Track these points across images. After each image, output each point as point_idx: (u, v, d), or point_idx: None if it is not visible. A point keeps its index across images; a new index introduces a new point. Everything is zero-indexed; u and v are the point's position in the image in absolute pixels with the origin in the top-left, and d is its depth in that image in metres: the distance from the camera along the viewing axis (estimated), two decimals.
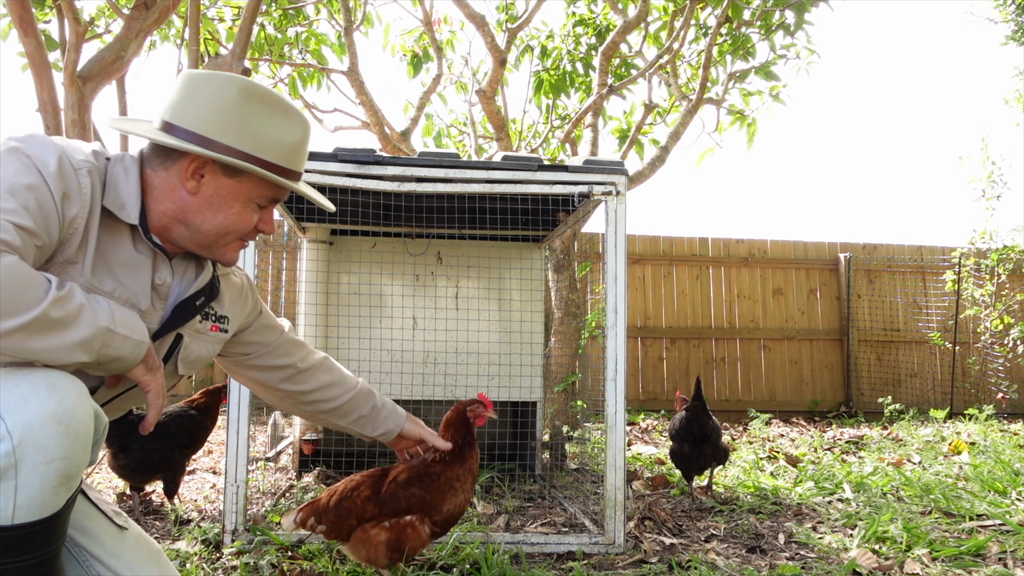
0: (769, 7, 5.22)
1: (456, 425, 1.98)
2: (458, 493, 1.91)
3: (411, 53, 6.34)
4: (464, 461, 1.94)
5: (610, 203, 2.49)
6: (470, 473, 1.95)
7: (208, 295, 1.51)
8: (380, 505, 1.89)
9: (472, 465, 1.96)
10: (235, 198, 1.39)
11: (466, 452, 1.95)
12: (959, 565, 2.19)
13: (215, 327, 1.58)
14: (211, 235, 1.41)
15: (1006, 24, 9.14)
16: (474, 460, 1.97)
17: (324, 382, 1.81)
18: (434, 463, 1.94)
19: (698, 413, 3.12)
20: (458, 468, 1.93)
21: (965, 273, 7.67)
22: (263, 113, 1.37)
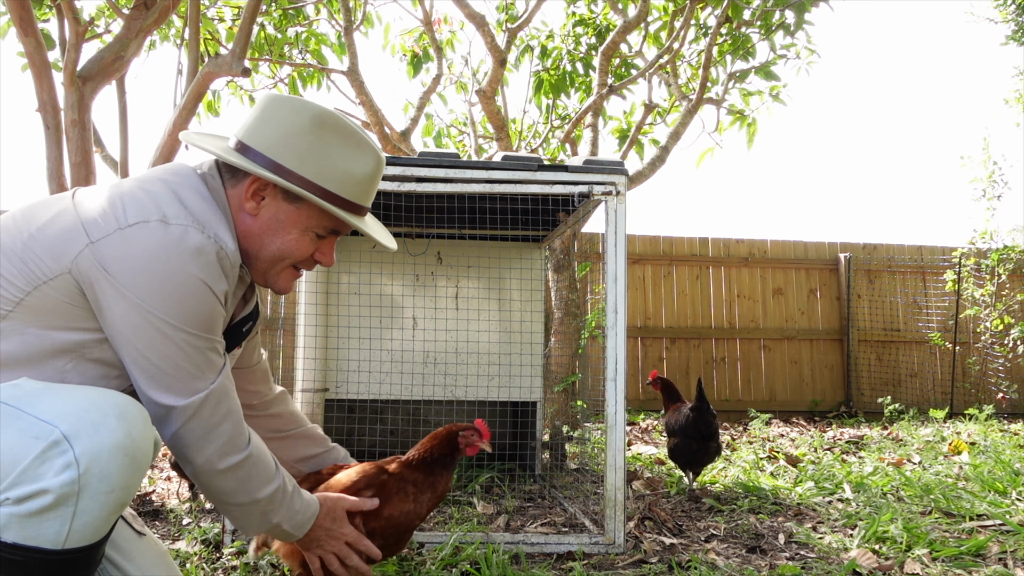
0: (769, 7, 5.22)
1: (440, 442, 1.75)
2: (408, 500, 1.65)
3: (411, 53, 6.34)
4: (431, 474, 1.70)
5: (610, 203, 2.49)
6: (432, 491, 1.70)
7: (254, 321, 1.52)
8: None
9: (439, 485, 1.71)
10: (293, 224, 1.36)
11: (437, 469, 1.71)
12: (959, 565, 2.19)
13: (239, 347, 1.57)
14: (267, 260, 1.38)
15: (1006, 24, 9.14)
16: (443, 483, 1.72)
17: (282, 411, 1.77)
18: (394, 463, 1.73)
19: (704, 412, 3.20)
20: (419, 475, 1.69)
21: (965, 273, 7.67)
22: (334, 143, 1.35)
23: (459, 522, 2.68)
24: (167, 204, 1.23)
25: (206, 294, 1.22)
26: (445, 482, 1.73)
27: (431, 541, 2.36)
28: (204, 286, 1.21)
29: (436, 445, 1.74)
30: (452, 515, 2.79)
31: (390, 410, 3.76)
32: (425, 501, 1.68)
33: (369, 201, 1.44)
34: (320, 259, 1.43)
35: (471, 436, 1.76)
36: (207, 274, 1.22)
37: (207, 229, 1.24)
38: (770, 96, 5.83)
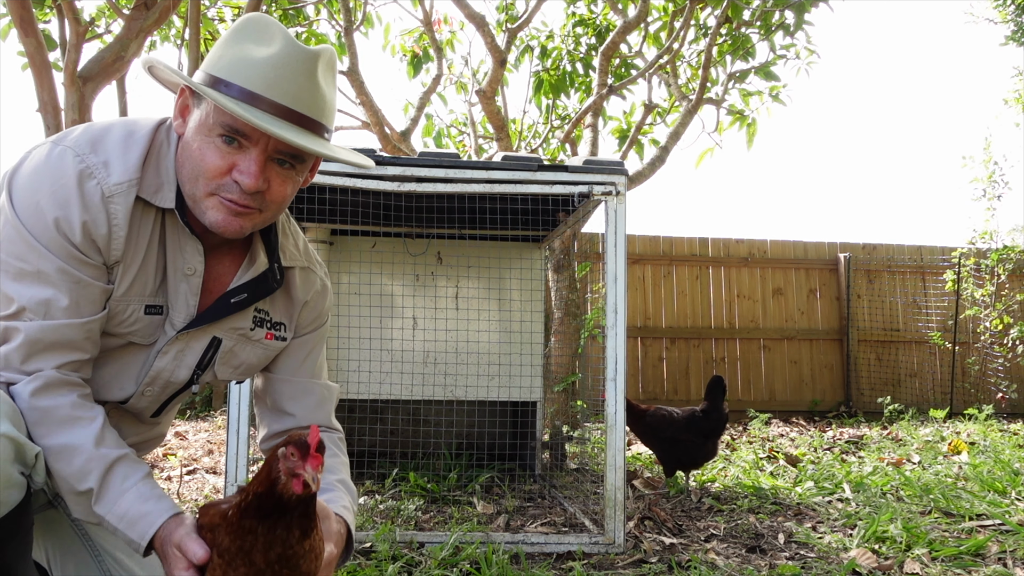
0: (769, 7, 5.22)
1: (260, 475, 1.07)
2: (215, 570, 1.07)
3: (411, 53, 6.34)
4: (264, 527, 1.04)
5: (610, 203, 2.49)
6: (263, 553, 1.04)
7: (253, 292, 1.34)
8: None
9: (251, 550, 1.04)
10: (198, 131, 1.18)
11: (272, 519, 1.04)
12: (959, 565, 2.20)
13: (270, 335, 1.41)
14: (188, 184, 1.21)
15: (1005, 24, 9.14)
16: (278, 542, 1.04)
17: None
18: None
19: (717, 410, 3.27)
20: (253, 524, 1.05)
21: (965, 273, 7.67)
22: (241, 35, 1.20)
23: (459, 522, 2.68)
24: (79, 130, 1.20)
25: (44, 216, 1.14)
26: (286, 535, 1.04)
27: (431, 541, 2.36)
28: (49, 208, 1.14)
29: (256, 480, 1.07)
30: (452, 515, 2.79)
31: (390, 410, 3.76)
32: (261, 560, 1.04)
33: (280, 93, 1.16)
34: (238, 177, 1.17)
35: (291, 461, 1.03)
36: (57, 197, 1.14)
37: (92, 155, 1.17)
38: (770, 96, 5.83)
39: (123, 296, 1.25)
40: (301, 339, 1.49)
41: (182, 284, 1.29)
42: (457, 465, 3.55)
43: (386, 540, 2.28)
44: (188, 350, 1.34)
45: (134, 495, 1.15)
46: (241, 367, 1.42)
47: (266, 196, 1.23)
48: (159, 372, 1.33)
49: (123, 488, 1.15)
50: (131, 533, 1.14)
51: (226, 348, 1.37)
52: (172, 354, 1.33)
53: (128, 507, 1.15)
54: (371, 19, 6.10)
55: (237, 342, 1.38)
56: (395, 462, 3.59)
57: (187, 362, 1.35)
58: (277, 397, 1.47)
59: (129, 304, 1.25)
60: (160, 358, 1.32)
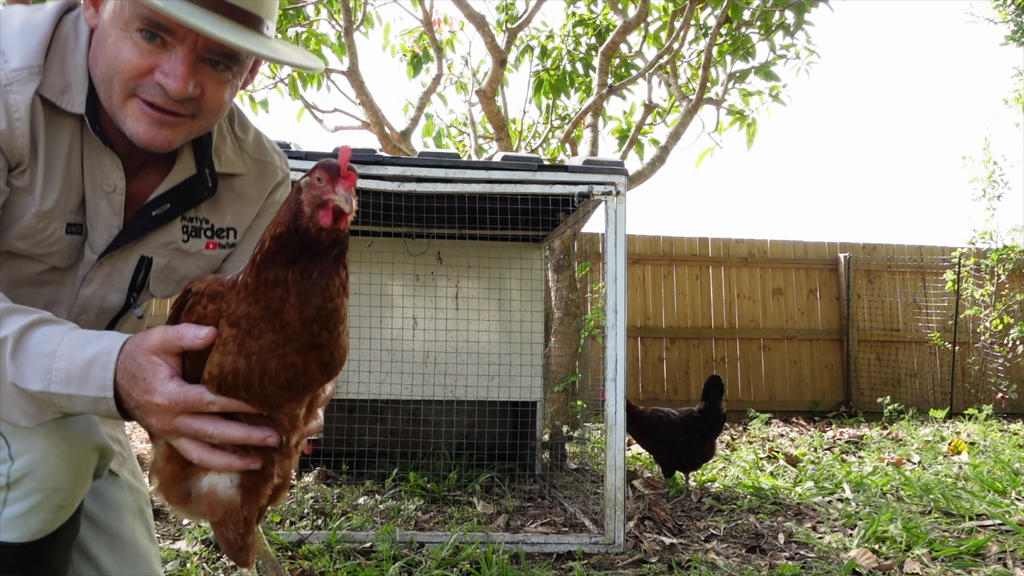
0: (769, 7, 5.22)
1: (285, 208, 0.90)
2: (264, 322, 0.87)
3: (411, 53, 6.34)
4: (296, 270, 0.86)
5: (610, 203, 2.49)
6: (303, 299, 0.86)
7: (177, 202, 1.18)
8: None
9: (312, 291, 0.86)
10: (112, 24, 1.03)
11: (304, 260, 0.86)
12: (959, 565, 2.20)
13: (212, 244, 1.25)
14: (102, 84, 1.06)
15: (1005, 24, 9.14)
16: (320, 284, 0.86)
17: None
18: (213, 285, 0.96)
19: (715, 410, 3.27)
20: (278, 274, 0.87)
21: (965, 273, 7.67)
22: None
23: (459, 522, 2.68)
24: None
25: None
26: (326, 282, 0.86)
27: (431, 541, 2.36)
28: None
29: (273, 223, 0.90)
30: (452, 515, 2.79)
31: (390, 410, 3.77)
32: (295, 318, 0.85)
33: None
34: (163, 80, 1.02)
35: (316, 186, 0.86)
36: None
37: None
38: (770, 96, 5.83)
39: (46, 213, 1.11)
40: (257, 222, 1.31)
41: (102, 203, 1.15)
42: (457, 465, 3.55)
43: (386, 540, 2.28)
44: (116, 274, 1.22)
45: (69, 345, 0.92)
46: (183, 281, 1.27)
47: (200, 103, 1.07)
48: (88, 300, 1.22)
49: (49, 346, 0.92)
50: (86, 390, 0.91)
51: (159, 266, 1.24)
52: (99, 280, 1.21)
53: (69, 360, 0.91)
54: (371, 19, 6.10)
55: (172, 258, 1.24)
56: (395, 462, 3.59)
57: (117, 286, 1.23)
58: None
59: (51, 222, 1.12)
60: (86, 286, 1.20)
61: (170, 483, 1.00)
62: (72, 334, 0.95)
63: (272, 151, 1.35)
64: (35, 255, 1.15)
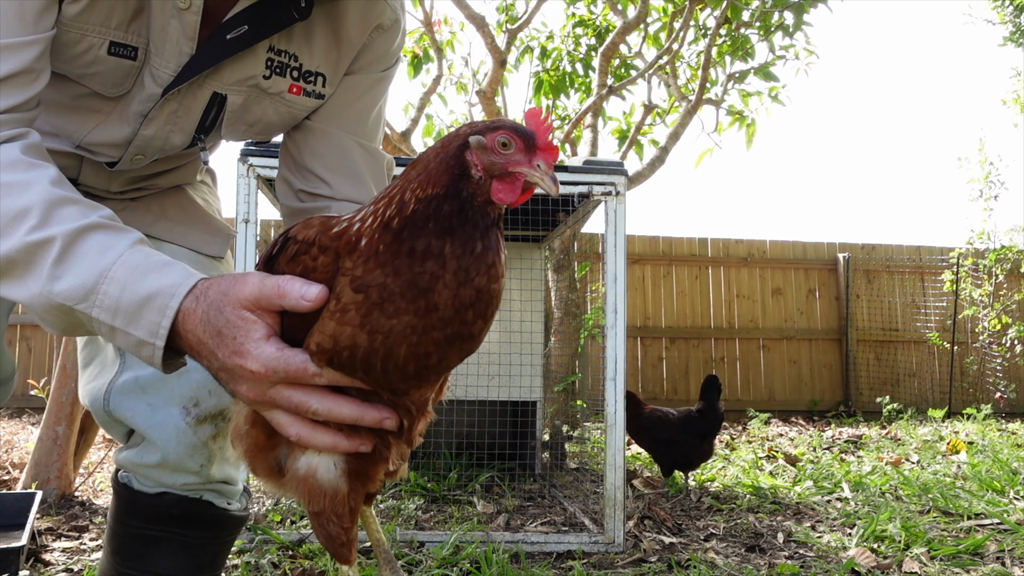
0: (768, 8, 5.24)
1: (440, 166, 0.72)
2: (347, 312, 0.71)
3: (411, 54, 6.35)
4: (406, 264, 0.70)
5: (610, 203, 2.50)
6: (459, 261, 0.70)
7: (258, 24, 0.95)
8: None
9: (432, 284, 0.69)
10: None
11: (421, 243, 0.69)
12: (957, 564, 2.21)
13: (297, 87, 1.04)
14: None
15: (1004, 25, 9.16)
16: (449, 275, 0.69)
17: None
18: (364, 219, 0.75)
19: (713, 410, 3.29)
20: (379, 271, 0.70)
21: (963, 273, 7.69)
22: None
23: (459, 521, 2.69)
24: None
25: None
26: (493, 258, 0.71)
27: (431, 540, 2.37)
28: None
29: (424, 180, 0.71)
30: (452, 514, 2.80)
31: None
32: (448, 302, 0.69)
33: None
34: None
35: (497, 152, 0.70)
36: None
37: None
38: (769, 97, 5.85)
39: (75, 19, 0.89)
40: (352, 78, 1.09)
41: (172, 21, 0.93)
42: (457, 465, 3.55)
43: (387, 539, 2.29)
44: (183, 111, 1.02)
45: (127, 268, 0.76)
46: (258, 125, 1.09)
47: None
48: (148, 141, 1.04)
49: (104, 261, 0.76)
50: (133, 328, 0.74)
51: (234, 106, 1.04)
52: (163, 119, 1.02)
53: (122, 288, 0.74)
54: None
55: (248, 96, 1.03)
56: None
57: (183, 125, 1.04)
58: (306, 153, 1.08)
59: (85, 35, 0.91)
60: (147, 125, 1.02)
61: (255, 453, 0.81)
62: (134, 253, 0.77)
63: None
64: (71, 76, 0.95)
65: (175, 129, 1.04)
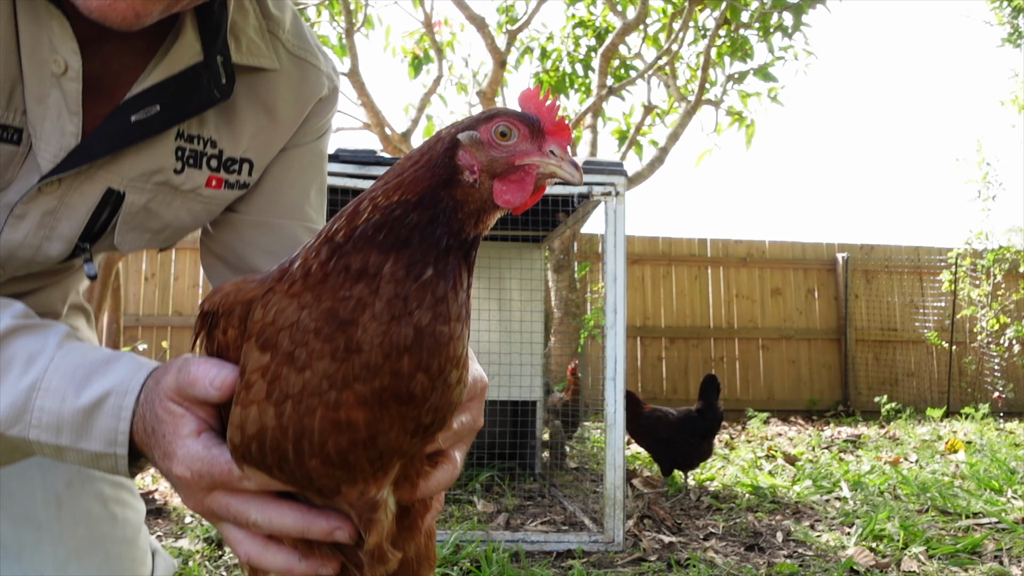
0: (767, 9, 5.25)
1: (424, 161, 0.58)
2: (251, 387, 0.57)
3: (412, 55, 6.36)
4: (332, 288, 0.54)
5: (609, 203, 2.51)
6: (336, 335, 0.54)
7: (171, 103, 0.78)
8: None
9: (354, 316, 0.53)
10: None
11: (356, 259, 0.55)
12: (955, 563, 2.22)
13: (216, 179, 0.85)
14: None
15: (1002, 27, 9.18)
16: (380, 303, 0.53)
17: None
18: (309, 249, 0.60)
19: (712, 410, 3.31)
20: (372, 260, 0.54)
21: (961, 273, 7.70)
22: None
23: (459, 520, 2.70)
24: None
25: None
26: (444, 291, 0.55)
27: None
28: None
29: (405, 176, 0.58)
30: (453, 513, 2.81)
31: None
32: (374, 340, 0.53)
33: None
34: None
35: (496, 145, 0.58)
36: None
37: None
38: (768, 97, 5.86)
39: None
40: (288, 155, 0.94)
41: (52, 91, 0.74)
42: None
43: None
44: (64, 210, 0.80)
45: (62, 374, 0.65)
46: (165, 232, 0.88)
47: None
48: (13, 248, 0.80)
49: (31, 373, 0.64)
50: (86, 443, 0.64)
51: (134, 206, 0.82)
52: (35, 217, 0.79)
53: (61, 400, 0.64)
54: (372, 21, 6.12)
55: (155, 195, 0.83)
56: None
57: (63, 230, 0.81)
58: (243, 248, 0.90)
59: None
60: (12, 226, 0.78)
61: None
62: (67, 354, 0.66)
63: (316, 48, 0.94)
64: None
65: (52, 234, 0.81)
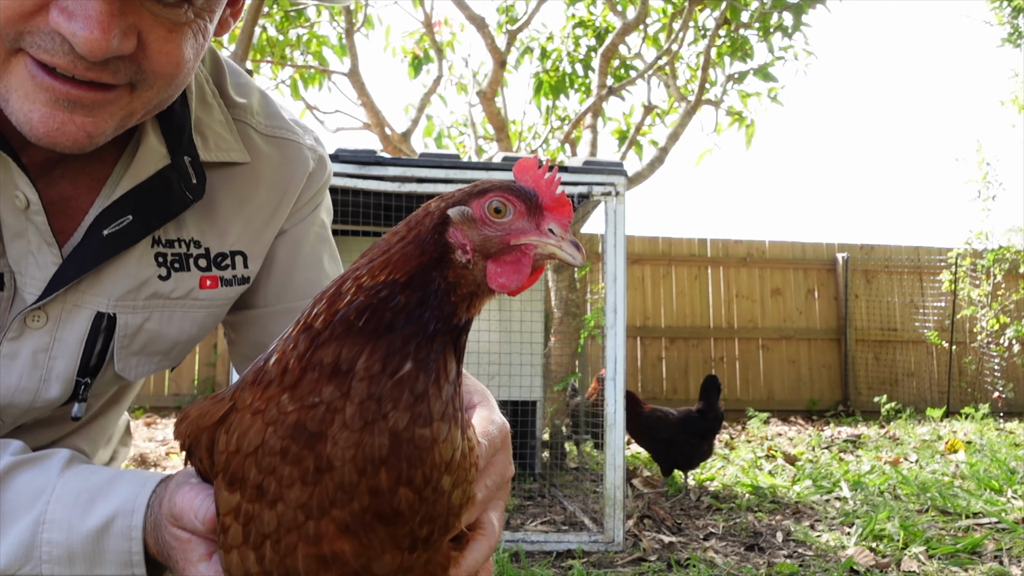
0: (767, 9, 5.25)
1: (410, 241, 0.54)
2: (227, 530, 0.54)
3: (412, 55, 6.37)
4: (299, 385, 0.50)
5: (609, 203, 2.51)
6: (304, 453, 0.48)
7: (144, 210, 0.75)
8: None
9: (324, 426, 0.48)
10: None
11: (327, 352, 0.50)
12: (955, 562, 2.22)
13: (210, 279, 0.81)
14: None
15: (1002, 27, 9.18)
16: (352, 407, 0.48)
17: None
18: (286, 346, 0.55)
19: (713, 410, 3.32)
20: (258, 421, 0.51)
21: (961, 273, 7.70)
22: None
23: None
24: None
25: None
26: (424, 386, 0.50)
27: None
28: None
29: (391, 255, 0.53)
30: None
31: None
32: (345, 452, 0.47)
33: None
34: (63, 24, 0.59)
35: (490, 223, 0.55)
36: None
37: None
38: (768, 97, 5.86)
39: None
40: (289, 235, 0.91)
41: (28, 226, 0.72)
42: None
43: None
44: (57, 346, 0.76)
45: (64, 503, 0.62)
46: (174, 349, 0.82)
47: (141, 62, 0.64)
48: (10, 394, 0.75)
49: (35, 508, 0.62)
50: (101, 568, 0.62)
51: (129, 328, 0.78)
52: (26, 357, 0.75)
53: (68, 530, 0.61)
54: (372, 21, 6.12)
55: (150, 312, 0.78)
56: None
57: (58, 370, 0.77)
58: (269, 342, 0.76)
59: None
60: (5, 367, 0.75)
61: None
62: (69, 481, 0.63)
63: (292, 123, 0.94)
64: None
65: (48, 374, 0.76)
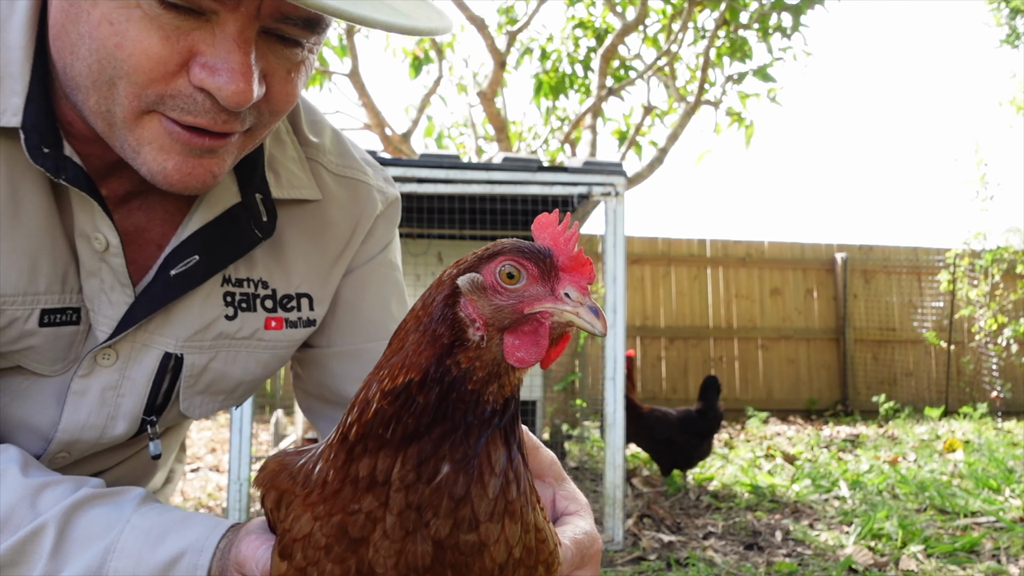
0: (766, 10, 5.26)
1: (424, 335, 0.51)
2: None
3: (412, 55, 6.37)
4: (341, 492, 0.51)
5: (609, 204, 2.52)
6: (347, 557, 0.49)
7: (212, 250, 0.75)
8: None
9: (369, 540, 0.48)
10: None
11: (363, 465, 0.50)
12: (953, 561, 2.23)
13: (275, 320, 0.81)
14: (83, 92, 0.64)
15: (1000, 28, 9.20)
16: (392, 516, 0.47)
17: None
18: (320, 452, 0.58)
19: (712, 410, 3.34)
20: (308, 514, 0.52)
21: (960, 273, 7.72)
22: None
23: None
24: None
25: None
26: (465, 488, 0.48)
27: None
28: None
29: (401, 360, 0.51)
30: None
31: None
32: (387, 563, 0.47)
33: None
34: (208, 81, 0.61)
35: (502, 291, 0.49)
36: None
37: None
38: (767, 98, 5.87)
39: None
40: (356, 275, 0.89)
41: (102, 266, 0.74)
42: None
43: None
44: (125, 384, 0.78)
45: (135, 536, 0.65)
46: (238, 389, 0.84)
47: (262, 105, 0.67)
48: (77, 431, 0.77)
49: (107, 537, 0.64)
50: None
51: (195, 367, 0.80)
52: (95, 395, 0.77)
53: (136, 561, 0.63)
54: None
55: (215, 352, 0.80)
56: None
57: (126, 408, 0.79)
58: (335, 383, 0.87)
59: (3, 309, 0.70)
60: (72, 405, 0.77)
61: None
62: (144, 516, 0.66)
63: (364, 162, 0.93)
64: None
65: (116, 411, 0.78)
